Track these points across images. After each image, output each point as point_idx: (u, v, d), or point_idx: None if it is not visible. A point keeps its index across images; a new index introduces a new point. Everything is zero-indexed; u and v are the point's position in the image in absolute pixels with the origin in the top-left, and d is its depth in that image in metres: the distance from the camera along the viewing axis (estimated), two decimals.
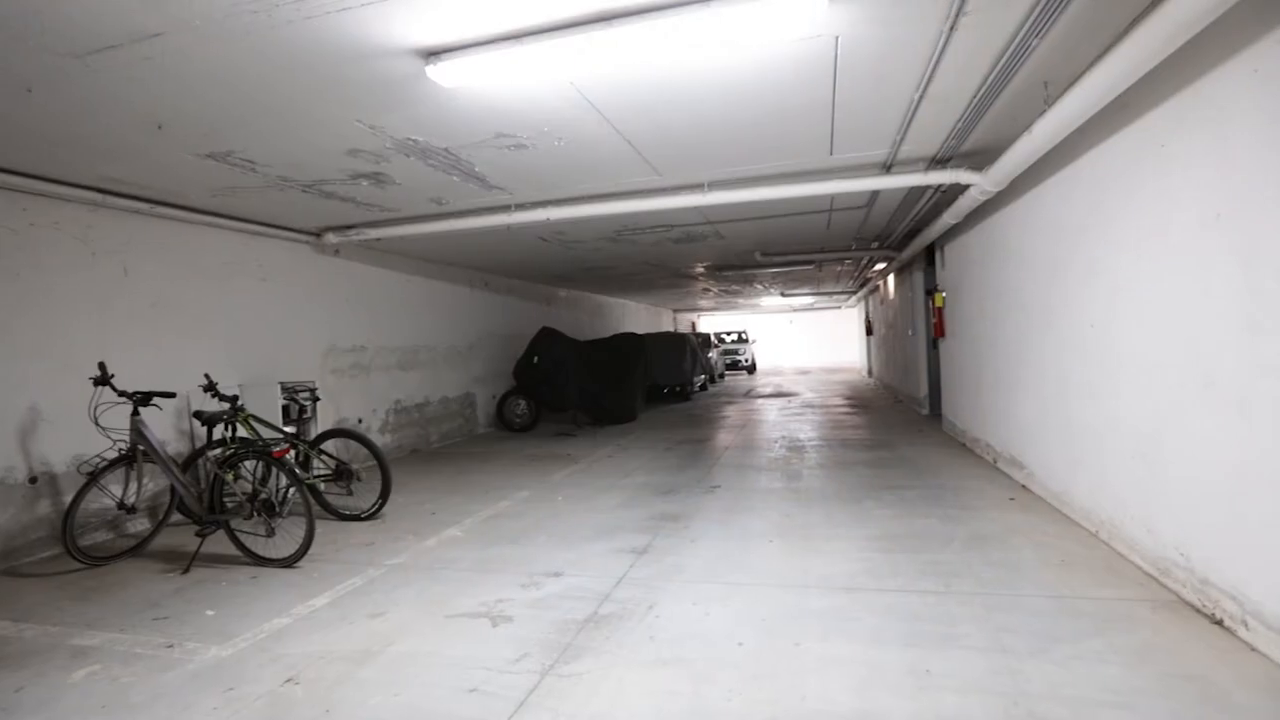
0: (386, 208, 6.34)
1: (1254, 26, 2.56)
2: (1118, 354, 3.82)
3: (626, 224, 7.87)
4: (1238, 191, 2.73)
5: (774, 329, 32.11)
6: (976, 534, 4.33)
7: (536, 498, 6.02)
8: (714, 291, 18.20)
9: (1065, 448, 4.65)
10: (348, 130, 4.22)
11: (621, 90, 3.83)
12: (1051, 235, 4.77)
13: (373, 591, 3.84)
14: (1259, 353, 2.63)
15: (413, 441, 9.30)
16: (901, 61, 3.58)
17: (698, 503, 5.54)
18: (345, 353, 8.07)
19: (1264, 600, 2.64)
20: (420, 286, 9.63)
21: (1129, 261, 3.67)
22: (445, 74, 3.28)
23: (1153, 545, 3.47)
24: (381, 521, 5.39)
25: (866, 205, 7.56)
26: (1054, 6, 2.98)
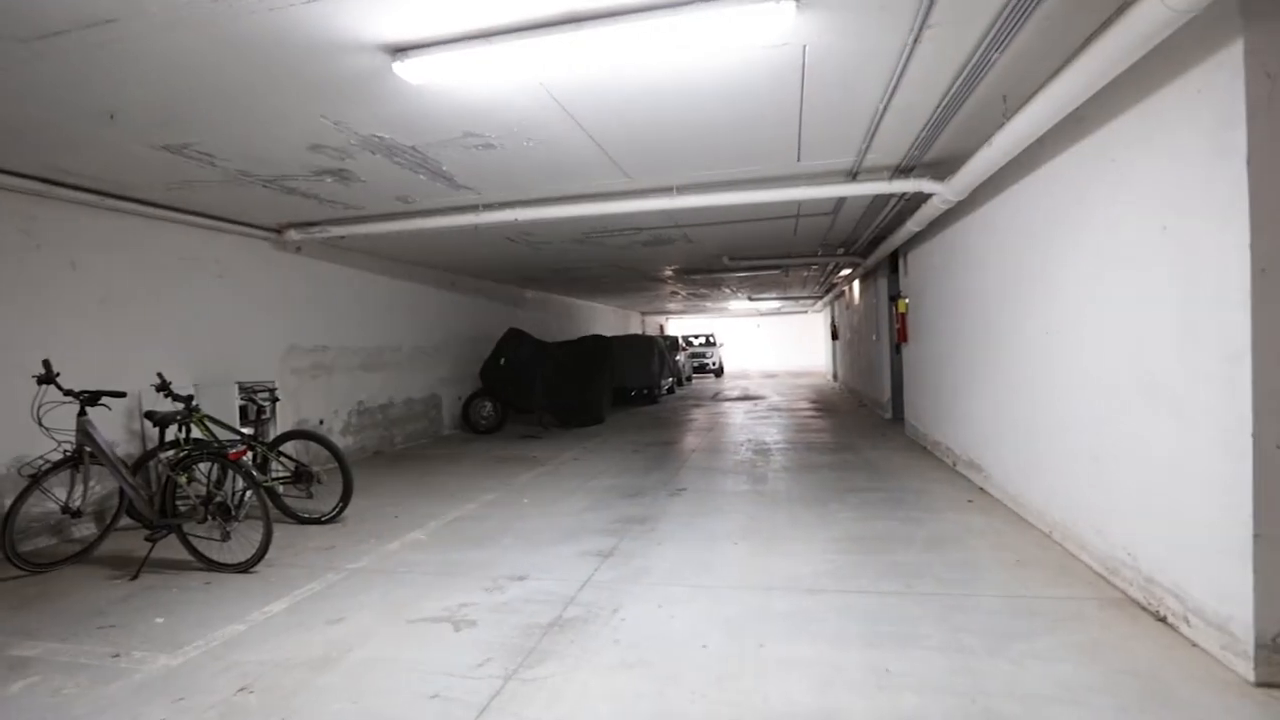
0: (351, 205, 6.22)
1: (1197, 50, 2.67)
2: (1069, 360, 3.95)
3: (595, 226, 7.86)
4: (1181, 206, 2.84)
5: (741, 333, 32.38)
6: (936, 535, 4.42)
7: (502, 500, 5.97)
8: (682, 295, 18.28)
9: (1021, 451, 4.79)
10: (311, 125, 4.14)
11: (591, 92, 3.83)
12: (1009, 244, 4.91)
13: (332, 596, 3.75)
14: (1195, 360, 2.74)
15: (376, 443, 9.14)
16: (867, 72, 3.65)
17: (664, 505, 5.55)
18: (306, 352, 7.89)
19: (1204, 598, 2.74)
20: (385, 286, 9.48)
21: (1080, 271, 3.79)
22: (413, 71, 3.24)
23: (1102, 545, 3.59)
24: (342, 525, 5.28)
25: (833, 212, 7.68)
26: (1012, 24, 3.08)
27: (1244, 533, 2.48)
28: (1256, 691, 2.44)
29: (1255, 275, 2.44)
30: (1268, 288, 2.43)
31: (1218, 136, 2.58)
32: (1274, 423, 2.44)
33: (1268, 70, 2.41)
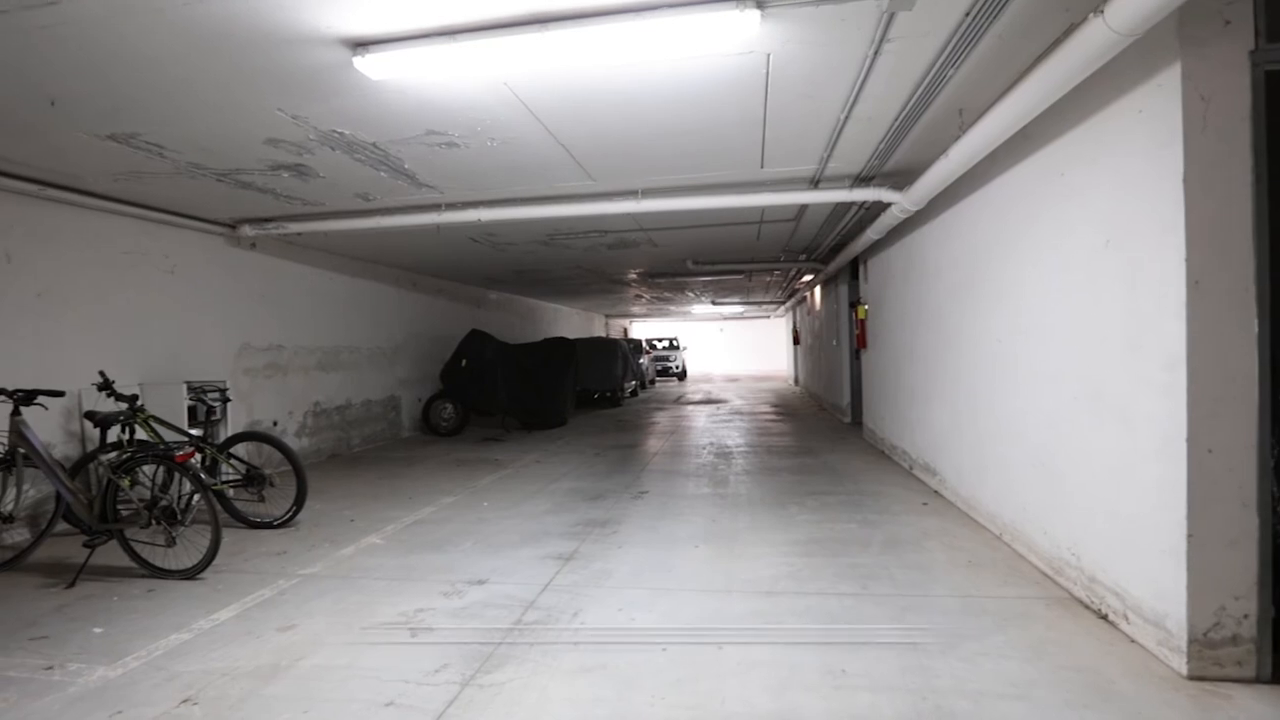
0: (309, 201, 6.07)
1: (1138, 72, 2.79)
2: (1020, 368, 4.08)
3: (560, 228, 7.83)
4: (1124, 221, 2.96)
5: (705, 337, 32.60)
6: (893, 538, 4.51)
7: (462, 503, 5.89)
8: (646, 298, 18.33)
9: (974, 455, 4.93)
10: (268, 118, 4.03)
11: (557, 94, 3.81)
12: (964, 254, 5.05)
13: (283, 603, 3.65)
14: (1137, 368, 2.86)
15: (332, 445, 8.93)
16: (829, 83, 3.72)
17: (625, 508, 5.55)
18: (260, 351, 7.66)
19: (1142, 596, 2.86)
20: (344, 285, 9.27)
21: (1031, 281, 3.92)
22: (374, 66, 3.18)
23: (1049, 546, 3.71)
24: (296, 529, 5.14)
25: (795, 218, 7.80)
26: (967, 41, 3.17)
27: (1178, 533, 2.60)
28: (1189, 684, 2.55)
29: (1190, 287, 2.56)
30: (1201, 299, 2.55)
31: (1157, 155, 2.70)
32: (1207, 428, 2.56)
33: (1202, 93, 2.54)
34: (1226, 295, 2.54)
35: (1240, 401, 2.54)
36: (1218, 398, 2.55)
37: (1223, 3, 2.51)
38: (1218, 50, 2.53)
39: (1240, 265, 2.53)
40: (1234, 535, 2.55)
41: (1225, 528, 2.55)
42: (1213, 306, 2.55)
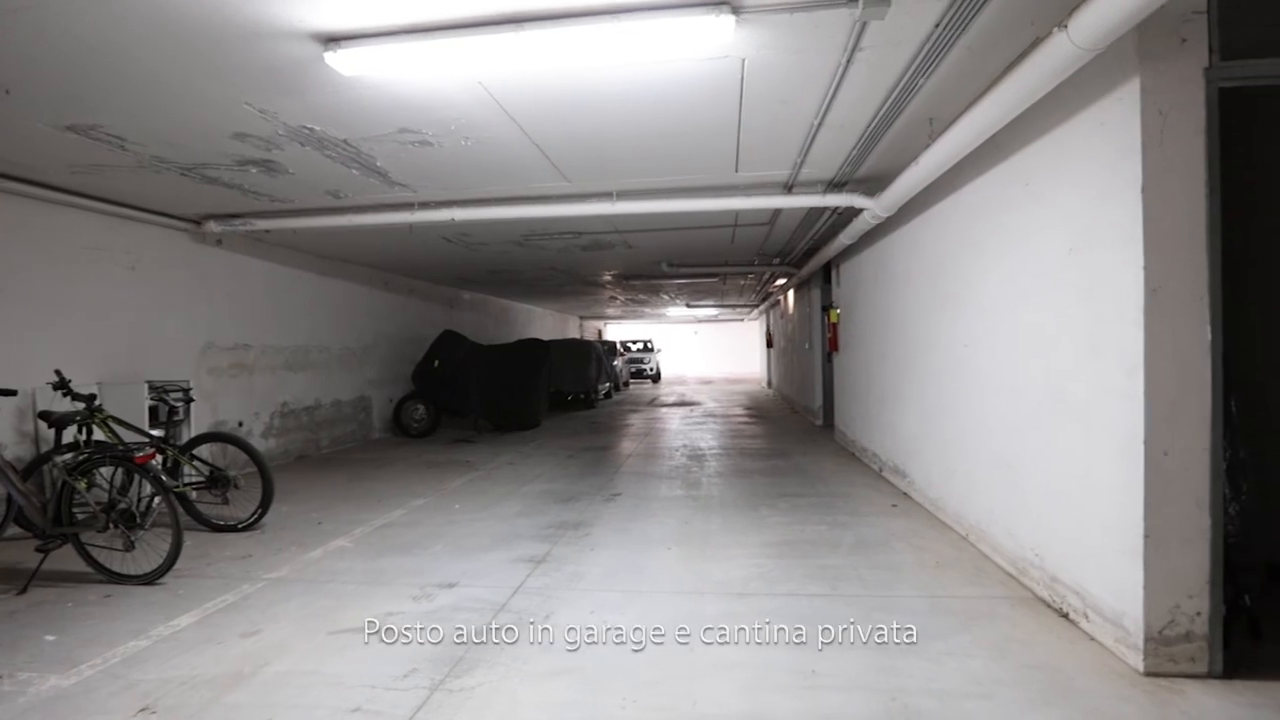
0: (277, 198, 5.96)
1: (1101, 85, 2.88)
2: (987, 373, 4.17)
3: (534, 229, 7.79)
4: (1087, 229, 3.05)
5: (679, 339, 32.69)
6: (862, 539, 4.57)
7: (432, 506, 5.82)
8: (621, 300, 18.33)
9: (942, 458, 5.01)
10: (235, 112, 3.94)
11: (532, 94, 3.80)
12: (933, 260, 5.14)
13: (247, 608, 3.57)
14: (1099, 373, 2.94)
15: (300, 447, 8.76)
16: (803, 89, 3.76)
17: (598, 510, 5.54)
18: (226, 351, 7.49)
19: (1101, 595, 2.94)
20: (313, 283, 9.11)
21: (997, 287, 4.01)
22: (345, 62, 3.13)
23: (1013, 547, 3.79)
24: (261, 532, 5.03)
25: (769, 223, 7.86)
26: (938, 51, 3.23)
27: (1136, 533, 2.67)
28: (1145, 681, 2.62)
29: (1148, 294, 2.64)
30: (1159, 306, 2.63)
31: (1117, 166, 2.78)
32: (1163, 431, 2.64)
33: (1160, 107, 2.62)
34: (1182, 303, 2.63)
35: (1195, 405, 2.63)
36: (1174, 402, 2.63)
37: (1179, 21, 2.59)
38: (1175, 66, 2.62)
39: (1195, 274, 2.62)
40: (1188, 535, 2.63)
41: (1180, 528, 2.64)
42: (1169, 314, 2.63)
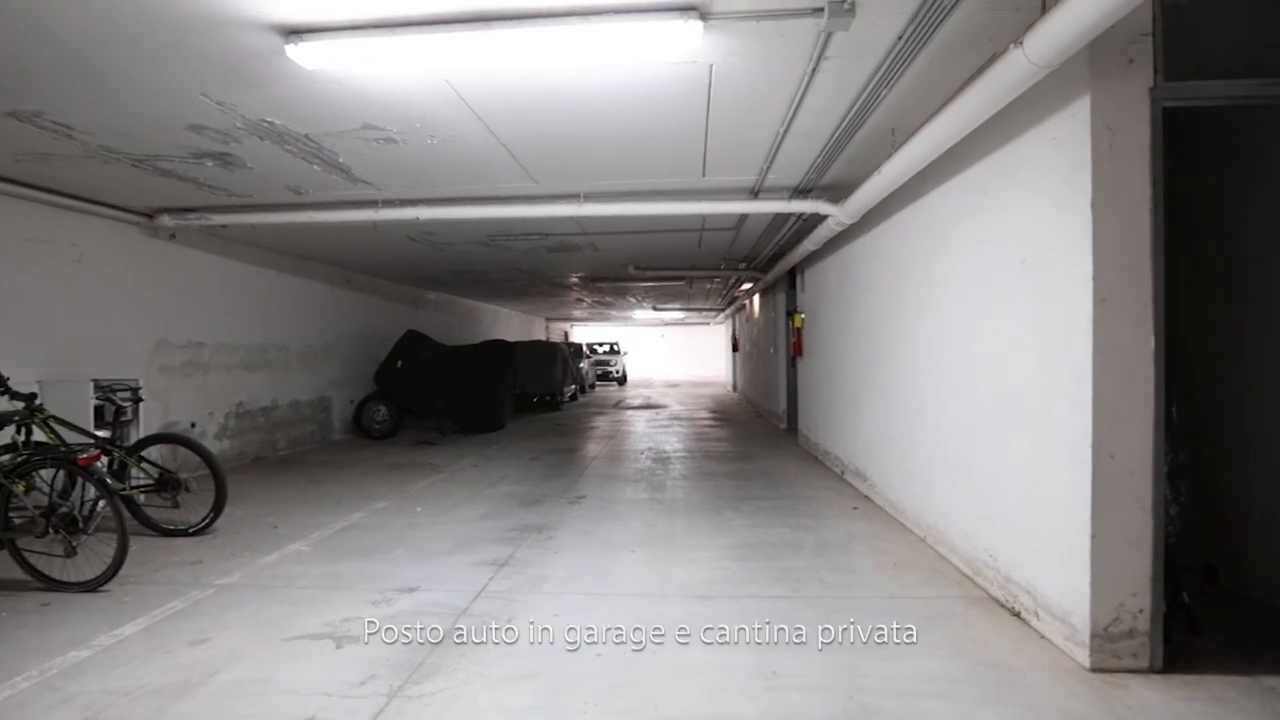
0: (235, 192, 5.79)
1: (1054, 101, 2.98)
2: (945, 378, 4.27)
3: (501, 229, 7.73)
4: (1040, 240, 3.15)
5: (645, 342, 32.74)
6: (824, 541, 4.63)
7: (394, 509, 5.72)
8: (588, 302, 18.30)
9: (901, 461, 5.12)
10: (191, 104, 3.82)
11: (500, 94, 3.77)
12: (895, 267, 5.25)
13: (197, 615, 3.45)
14: (1051, 379, 3.04)
15: (256, 448, 8.52)
16: (770, 96, 3.81)
17: (563, 513, 5.51)
18: (179, 349, 7.25)
19: (1051, 594, 3.03)
20: (272, 280, 8.88)
21: (955, 295, 4.11)
22: (307, 55, 3.07)
23: (968, 548, 3.89)
24: (213, 537, 4.88)
25: (736, 227, 7.94)
26: (901, 62, 3.31)
27: (1084, 534, 2.76)
28: (1092, 676, 2.72)
29: (1096, 304, 2.74)
30: (1106, 315, 2.74)
31: (1069, 179, 2.88)
32: (1110, 435, 2.74)
33: (1109, 124, 2.72)
34: (1128, 312, 2.73)
35: (1139, 411, 2.73)
36: (1120, 407, 2.73)
37: (1127, 42, 2.70)
38: (1123, 85, 2.72)
39: (1140, 285, 2.73)
40: (1132, 535, 2.74)
41: (1125, 528, 2.74)
42: (1116, 323, 2.73)
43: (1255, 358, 3.53)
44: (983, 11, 2.88)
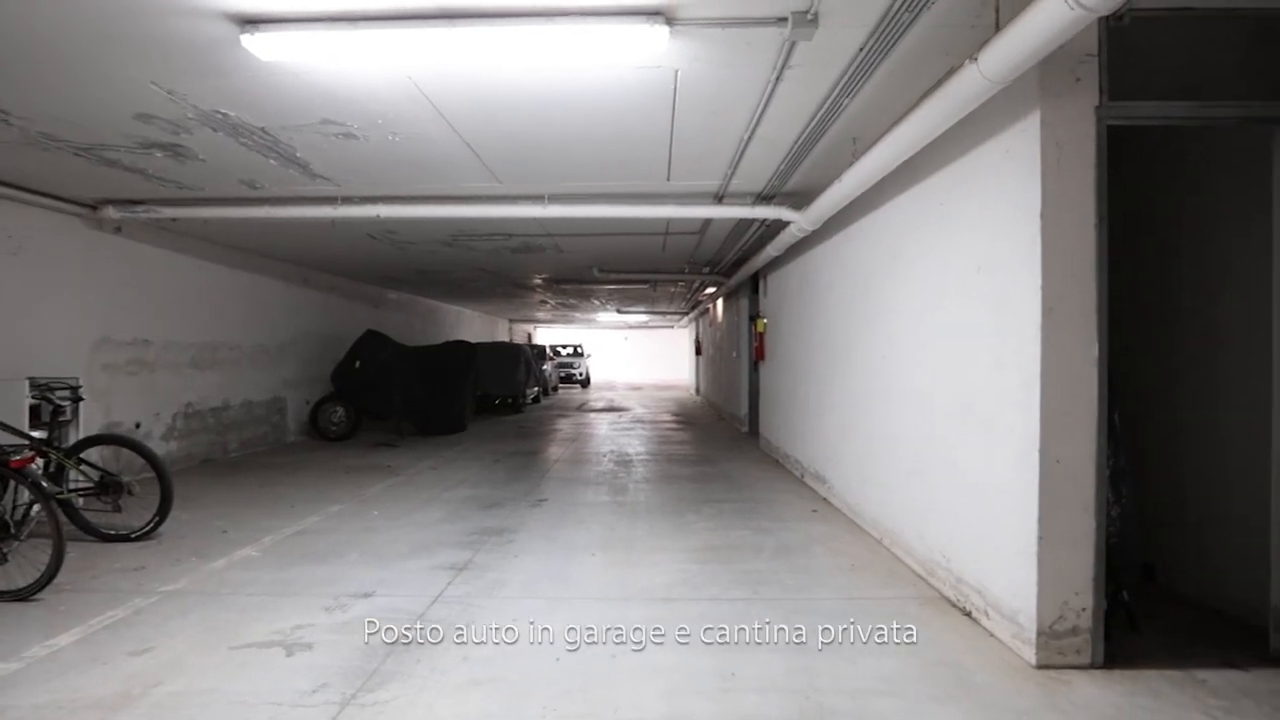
0: (186, 185, 5.60)
1: (1007, 116, 3.08)
2: (902, 383, 4.37)
3: (464, 229, 7.64)
4: (992, 250, 3.25)
5: (609, 344, 32.71)
6: (783, 544, 4.69)
7: (350, 512, 5.59)
8: (551, 304, 18.20)
9: (859, 465, 5.21)
10: (139, 92, 3.69)
11: (465, 93, 3.73)
12: (855, 274, 5.36)
13: (138, 624, 3.32)
14: (1002, 385, 3.13)
15: (206, 450, 8.23)
16: (735, 103, 3.85)
17: (523, 517, 5.46)
18: (123, 346, 6.97)
19: (1001, 594, 3.13)
20: (224, 277, 8.60)
21: (912, 302, 4.21)
22: (264, 46, 2.99)
23: (923, 550, 3.98)
24: (158, 542, 4.69)
25: (700, 232, 7.99)
26: (862, 74, 3.39)
27: (1031, 535, 2.86)
28: (1037, 673, 2.80)
29: (1044, 313, 2.83)
30: (1053, 324, 2.84)
31: (1021, 191, 2.98)
32: (1056, 440, 2.83)
33: (1057, 140, 2.83)
34: (1074, 321, 2.84)
35: (1083, 417, 2.84)
36: (1065, 413, 2.84)
37: (1075, 62, 2.80)
38: (1071, 103, 2.83)
39: (1085, 295, 2.83)
40: (1076, 537, 2.84)
41: (1069, 530, 2.84)
42: (1062, 331, 2.84)
43: (1189, 366, 3.70)
44: (940, 27, 2.96)
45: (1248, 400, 3.24)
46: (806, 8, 2.81)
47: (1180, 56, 2.89)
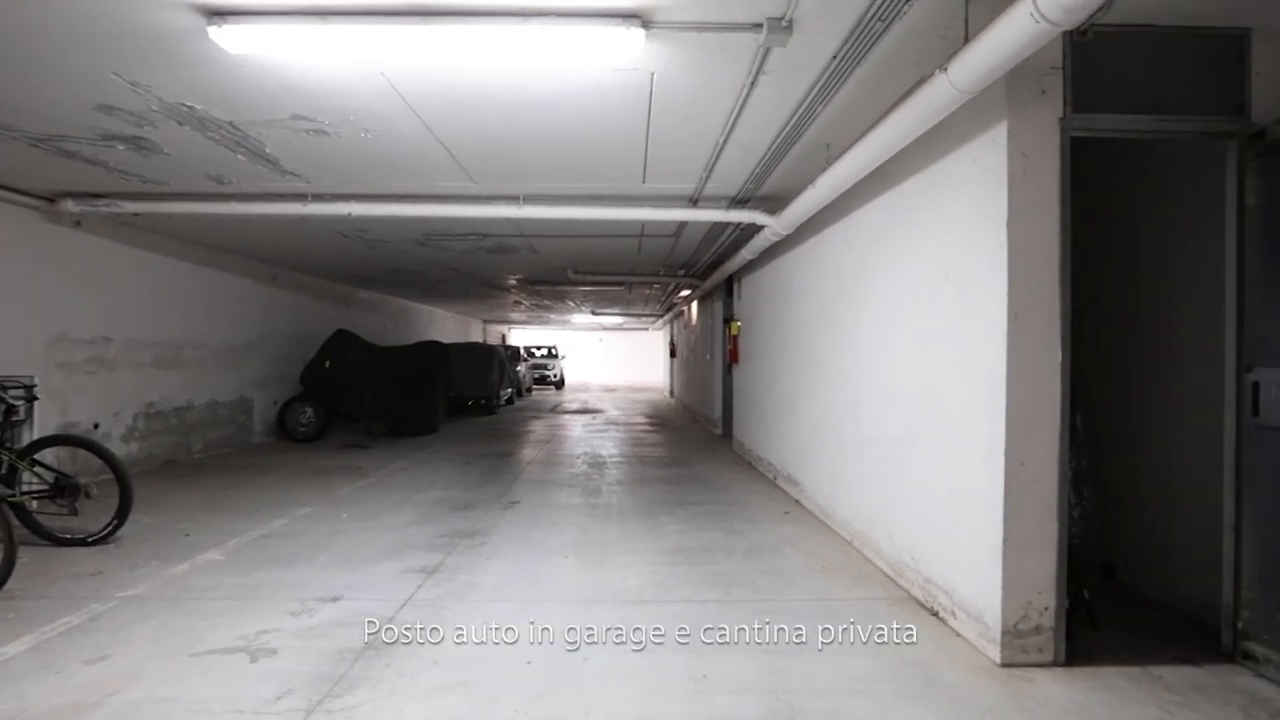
0: (150, 179, 5.45)
1: (975, 126, 3.14)
2: (872, 387, 4.43)
3: (437, 228, 7.56)
4: (961, 256, 3.31)
5: (584, 346, 32.61)
6: (755, 546, 4.72)
7: (319, 515, 5.49)
8: (526, 305, 18.09)
9: (831, 467, 5.27)
10: (101, 82, 3.58)
11: (439, 91, 3.69)
12: (827, 278, 5.42)
13: (95, 631, 3.21)
14: (970, 390, 3.19)
15: (168, 451, 8.02)
16: (710, 107, 3.87)
17: (495, 519, 5.42)
18: (81, 344, 6.75)
19: (967, 594, 3.18)
20: (189, 274, 8.39)
21: (883, 307, 4.28)
22: (232, 39, 2.93)
23: (892, 551, 4.04)
24: (116, 546, 4.56)
25: (675, 234, 8.02)
26: (836, 81, 3.43)
27: (997, 537, 2.91)
28: (1001, 671, 2.86)
29: (1010, 319, 2.90)
30: (1019, 330, 2.90)
31: (989, 199, 3.04)
32: (1021, 443, 2.90)
33: (1024, 150, 2.89)
34: (1038, 328, 2.90)
35: (1048, 420, 2.91)
36: (1030, 417, 2.90)
37: (1041, 74, 2.88)
38: (1036, 114, 2.90)
39: (1050, 302, 2.90)
40: (1040, 538, 2.90)
41: (1034, 531, 2.90)
42: (1028, 337, 2.90)
43: (1146, 372, 3.81)
44: (912, 37, 3.01)
45: (1200, 405, 3.35)
46: (782, 14, 2.83)
47: (1142, 71, 2.98)
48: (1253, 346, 2.92)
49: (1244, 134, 2.94)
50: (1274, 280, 2.84)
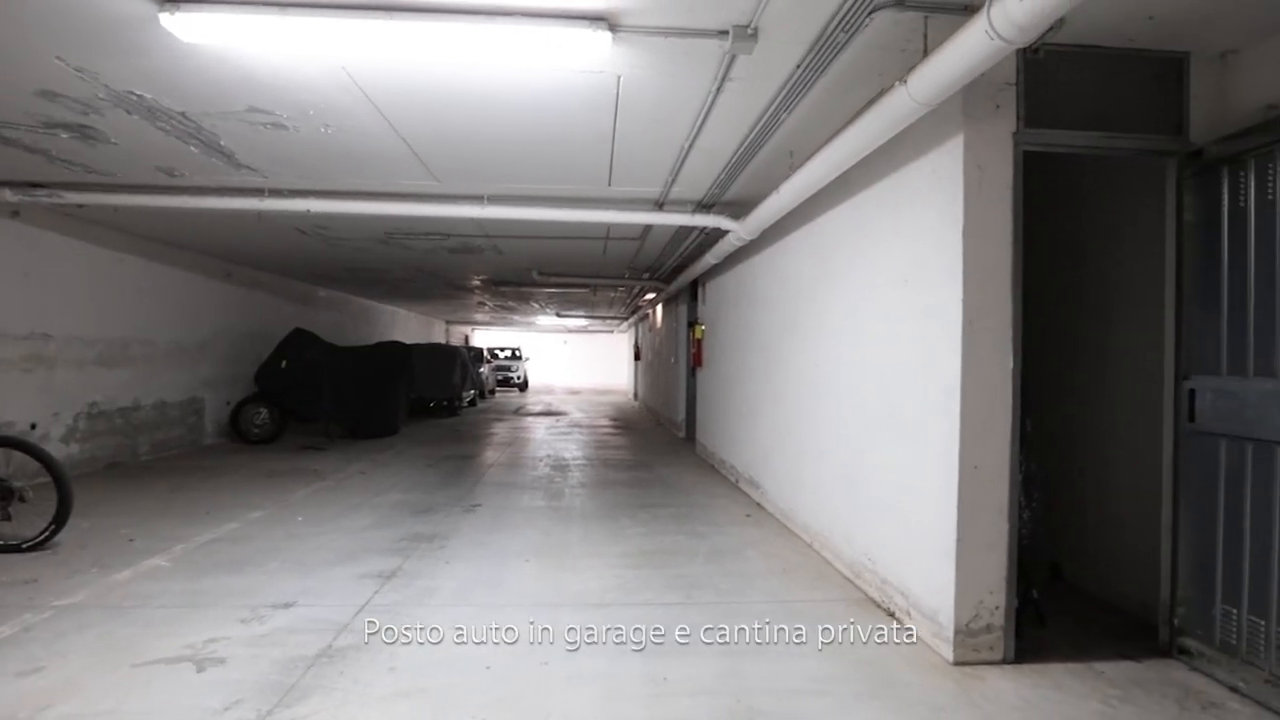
0: (95, 169, 5.24)
1: (933, 138, 3.22)
2: (833, 391, 4.50)
3: (400, 227, 7.43)
4: (919, 264, 3.39)
5: (548, 348, 32.43)
6: (717, 548, 4.75)
7: (272, 519, 5.34)
8: (490, 306, 17.92)
9: (792, 470, 5.34)
10: (43, 67, 3.43)
11: (402, 87, 3.63)
12: (790, 283, 5.50)
13: (28, 642, 3.07)
14: (927, 394, 3.27)
15: (113, 453, 7.70)
16: (676, 111, 3.90)
17: (456, 522, 5.34)
18: (18, 340, 6.45)
19: (922, 594, 3.26)
20: (138, 269, 8.08)
21: (843, 313, 4.35)
22: (185, 26, 2.83)
23: (850, 553, 4.11)
24: (53, 553, 4.36)
25: (640, 237, 8.03)
26: (800, 89, 3.48)
27: (951, 538, 2.99)
28: (954, 669, 2.93)
29: (965, 325, 2.98)
30: (974, 336, 2.98)
31: (946, 209, 3.13)
32: (974, 446, 2.98)
33: (979, 162, 2.98)
34: (992, 334, 2.99)
35: (1000, 425, 3.00)
36: (983, 421, 2.98)
37: (995, 90, 2.97)
38: (991, 128, 2.99)
39: (1002, 310, 2.99)
40: (991, 539, 2.99)
41: (986, 533, 2.98)
42: (982, 343, 2.99)
43: (1088, 379, 3.96)
44: (873, 49, 3.08)
45: (1139, 410, 3.49)
46: (747, 22, 2.87)
47: (1090, 90, 3.10)
48: (1189, 356, 3.06)
49: (1183, 152, 3.08)
50: (1210, 293, 2.97)
